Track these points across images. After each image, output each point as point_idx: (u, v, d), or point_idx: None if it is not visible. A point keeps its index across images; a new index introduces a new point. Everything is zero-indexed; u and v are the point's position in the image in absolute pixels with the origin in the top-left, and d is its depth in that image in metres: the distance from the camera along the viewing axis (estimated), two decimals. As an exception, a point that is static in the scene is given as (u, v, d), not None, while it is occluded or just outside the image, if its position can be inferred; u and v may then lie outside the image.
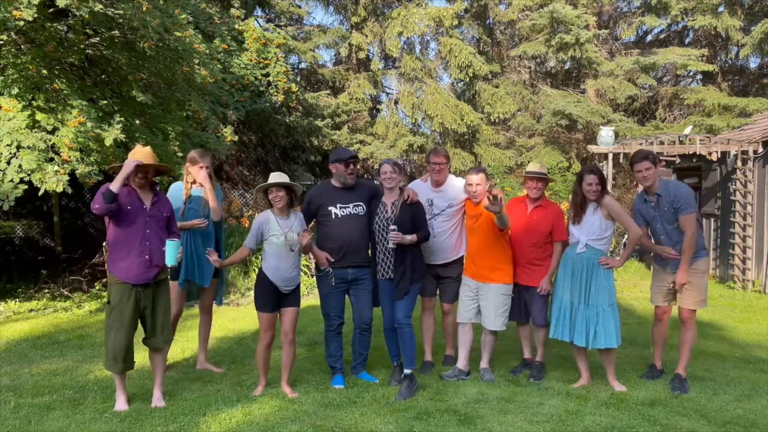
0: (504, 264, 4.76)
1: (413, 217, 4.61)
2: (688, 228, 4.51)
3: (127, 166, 3.94)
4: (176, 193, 4.88)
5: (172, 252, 4.02)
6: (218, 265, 4.44)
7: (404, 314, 4.59)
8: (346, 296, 4.77)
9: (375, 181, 10.71)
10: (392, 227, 4.46)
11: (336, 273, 4.61)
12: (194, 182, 4.89)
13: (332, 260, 4.60)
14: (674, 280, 4.62)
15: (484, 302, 4.75)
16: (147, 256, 4.04)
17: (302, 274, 9.21)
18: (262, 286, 4.38)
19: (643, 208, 4.78)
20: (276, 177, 4.38)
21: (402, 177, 4.74)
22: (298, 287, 4.48)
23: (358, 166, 11.53)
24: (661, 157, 8.94)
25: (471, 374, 4.82)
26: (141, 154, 4.09)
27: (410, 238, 4.48)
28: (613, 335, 4.44)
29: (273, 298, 4.37)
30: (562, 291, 4.58)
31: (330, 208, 4.65)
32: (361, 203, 4.70)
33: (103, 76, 7.42)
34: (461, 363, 4.81)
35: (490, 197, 4.48)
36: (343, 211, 4.65)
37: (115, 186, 3.89)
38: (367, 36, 15.77)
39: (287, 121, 12.01)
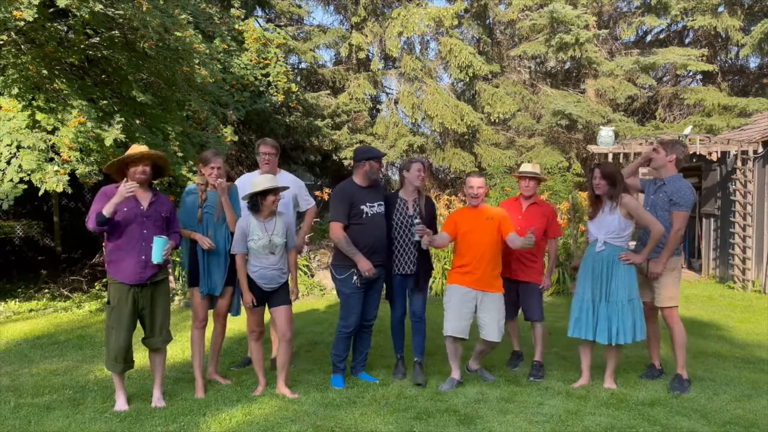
0: (499, 273, 4.82)
1: (431, 215, 4.94)
2: (675, 222, 4.55)
3: (119, 195, 3.93)
4: (189, 199, 4.67)
5: (158, 249, 4.04)
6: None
7: (422, 309, 4.87)
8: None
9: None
10: (417, 220, 4.64)
11: (362, 272, 4.59)
12: (207, 184, 4.65)
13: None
14: (648, 272, 4.62)
15: (485, 312, 4.65)
16: (144, 257, 4.05)
17: (302, 274, 9.23)
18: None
19: (649, 187, 4.83)
20: (268, 182, 4.32)
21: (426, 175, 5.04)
22: (283, 286, 4.45)
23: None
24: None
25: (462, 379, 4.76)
26: (137, 150, 4.11)
27: (430, 230, 4.70)
28: (629, 331, 4.44)
29: (257, 295, 4.39)
30: (583, 290, 4.58)
31: (361, 206, 4.66)
32: (382, 202, 4.79)
33: (103, 76, 7.42)
34: (456, 373, 4.71)
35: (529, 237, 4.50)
36: (371, 210, 4.69)
37: (107, 211, 3.92)
38: (367, 36, 15.75)
39: (287, 121, 12.01)
